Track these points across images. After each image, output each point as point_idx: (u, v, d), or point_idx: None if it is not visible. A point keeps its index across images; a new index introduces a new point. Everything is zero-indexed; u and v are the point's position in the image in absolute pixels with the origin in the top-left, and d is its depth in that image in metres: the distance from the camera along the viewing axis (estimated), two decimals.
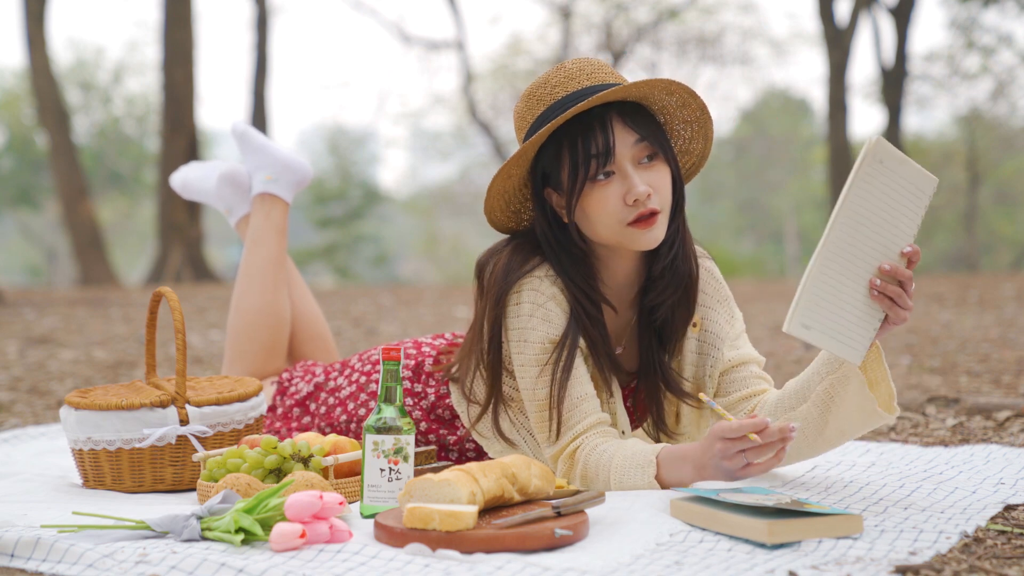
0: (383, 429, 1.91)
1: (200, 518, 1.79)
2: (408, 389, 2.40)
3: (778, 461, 1.88)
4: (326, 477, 2.05)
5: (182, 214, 12.81)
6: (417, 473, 2.07)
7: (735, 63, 21.01)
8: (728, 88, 25.81)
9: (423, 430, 2.39)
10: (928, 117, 25.80)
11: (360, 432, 2.43)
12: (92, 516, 1.86)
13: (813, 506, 1.74)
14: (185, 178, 3.09)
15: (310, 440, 2.15)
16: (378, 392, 2.43)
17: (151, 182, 23.61)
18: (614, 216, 2.06)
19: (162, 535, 1.80)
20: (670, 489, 1.98)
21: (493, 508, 1.82)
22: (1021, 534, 1.78)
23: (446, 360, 2.40)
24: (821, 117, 24.88)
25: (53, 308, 8.23)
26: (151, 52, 27.85)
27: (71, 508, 2.03)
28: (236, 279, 2.86)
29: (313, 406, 2.56)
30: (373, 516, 1.90)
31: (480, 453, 2.36)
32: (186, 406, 2.31)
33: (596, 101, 2.04)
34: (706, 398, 1.98)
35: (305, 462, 2.05)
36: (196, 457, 2.18)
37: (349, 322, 7.21)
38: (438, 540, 1.66)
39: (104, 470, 2.28)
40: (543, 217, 2.15)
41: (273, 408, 2.62)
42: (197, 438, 2.31)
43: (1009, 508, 1.94)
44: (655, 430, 2.27)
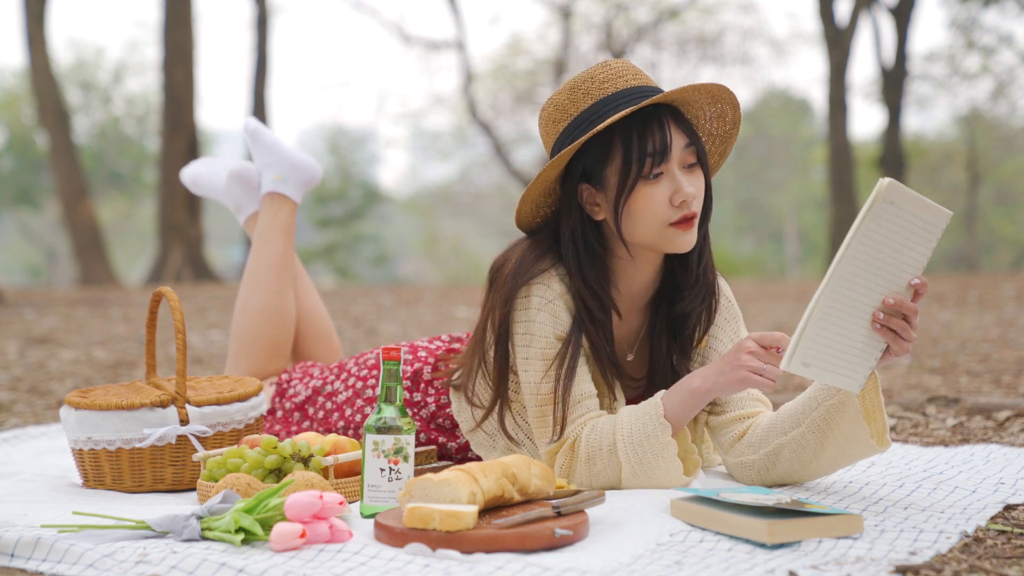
0: (383, 429, 1.91)
1: (200, 518, 1.79)
2: (407, 399, 2.39)
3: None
4: (326, 477, 2.05)
5: (182, 214, 12.82)
6: (417, 473, 2.07)
7: (735, 63, 21.01)
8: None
9: (423, 440, 2.39)
10: (928, 117, 25.81)
11: (359, 436, 2.43)
12: (92, 516, 1.86)
13: (813, 506, 1.74)
14: (195, 174, 3.09)
15: (310, 440, 2.15)
16: (376, 395, 2.44)
17: (151, 182, 23.63)
18: (659, 216, 2.06)
19: (162, 535, 1.80)
20: (678, 437, 2.07)
21: (493, 508, 1.82)
22: (1021, 534, 1.78)
23: (446, 366, 2.40)
24: (821, 117, 24.89)
25: (53, 308, 8.24)
26: (151, 52, 27.88)
27: (71, 508, 2.03)
28: (242, 278, 2.86)
29: (311, 410, 2.56)
30: (373, 516, 1.90)
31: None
32: (186, 406, 2.31)
33: (671, 95, 2.05)
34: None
35: (305, 462, 2.05)
36: (196, 457, 2.18)
37: (349, 322, 7.21)
38: (438, 540, 1.66)
39: (104, 470, 2.28)
40: (573, 213, 2.14)
41: (272, 411, 2.62)
42: (197, 438, 2.30)
43: (1009, 508, 1.94)
44: None
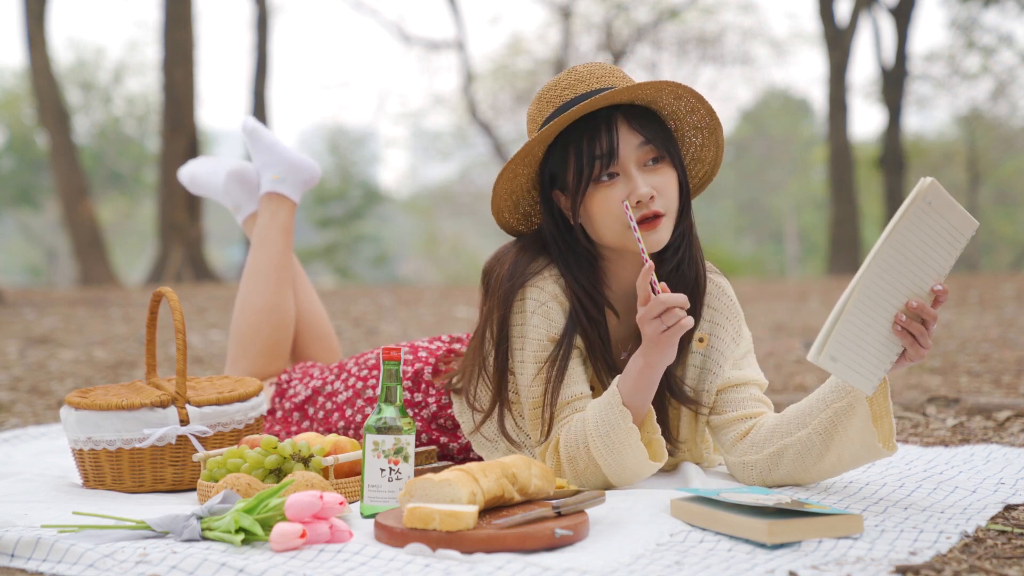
0: (383, 429, 1.91)
1: (200, 518, 1.79)
2: (408, 400, 2.39)
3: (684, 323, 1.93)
4: (326, 477, 2.05)
5: (182, 214, 12.82)
6: (417, 473, 2.07)
7: (735, 63, 21.02)
8: (728, 88, 25.85)
9: (425, 441, 2.39)
10: (928, 117, 25.82)
11: (359, 436, 2.43)
12: (92, 516, 1.86)
13: (813, 506, 1.74)
14: (193, 173, 3.07)
15: (310, 440, 2.15)
16: (376, 395, 2.44)
17: (151, 182, 23.63)
18: (617, 217, 2.06)
19: (162, 535, 1.80)
20: (643, 428, 2.05)
21: (493, 508, 1.82)
22: (1021, 534, 1.78)
23: (446, 369, 2.40)
24: (821, 117, 24.89)
25: (53, 308, 8.24)
26: (151, 52, 27.88)
27: (71, 508, 2.03)
28: (241, 278, 2.86)
29: (311, 410, 2.56)
30: (373, 516, 1.90)
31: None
32: (186, 406, 2.31)
33: (600, 102, 2.04)
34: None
35: (305, 462, 2.05)
36: (196, 457, 2.18)
37: (349, 322, 7.21)
38: (438, 540, 1.66)
39: (104, 470, 2.28)
40: (551, 219, 2.16)
41: (272, 411, 2.62)
42: (197, 438, 2.30)
43: (1009, 508, 1.94)
44: None
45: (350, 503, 2.05)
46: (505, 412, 2.21)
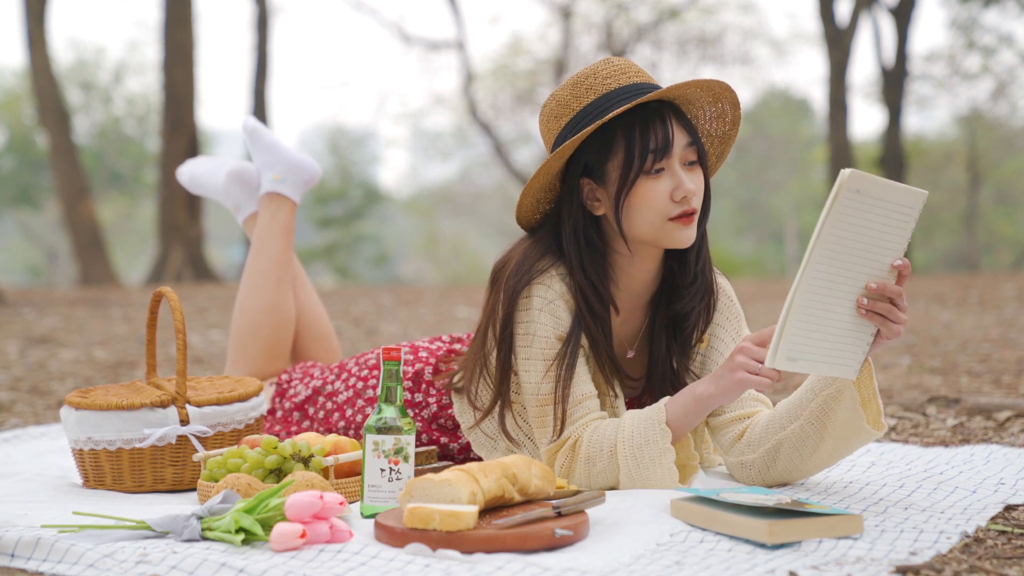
0: (383, 429, 1.91)
1: (200, 518, 1.79)
2: (408, 400, 2.39)
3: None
4: (326, 477, 2.05)
5: (182, 214, 12.82)
6: (417, 473, 2.07)
7: (735, 63, 21.01)
8: None
9: (425, 441, 2.38)
10: (928, 117, 25.82)
11: (359, 436, 2.43)
12: (92, 516, 1.86)
13: (813, 506, 1.74)
14: (193, 172, 3.07)
15: (310, 440, 2.15)
16: (376, 395, 2.44)
17: (151, 182, 23.63)
18: (659, 211, 2.07)
19: (162, 535, 1.80)
20: (677, 444, 2.07)
21: (493, 508, 1.82)
22: (1021, 534, 1.78)
23: (446, 369, 2.40)
24: (821, 117, 24.89)
25: (53, 308, 8.24)
26: (151, 52, 27.88)
27: (71, 508, 2.03)
28: (241, 278, 2.85)
29: (311, 410, 2.56)
30: (373, 516, 1.90)
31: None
32: (186, 406, 2.31)
33: (673, 91, 2.06)
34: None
35: (305, 462, 2.05)
36: (196, 457, 2.18)
37: (349, 322, 7.22)
38: (438, 540, 1.66)
39: (104, 470, 2.28)
40: (573, 208, 2.14)
41: (272, 411, 2.62)
42: (197, 438, 2.30)
43: (1009, 508, 1.94)
44: None
45: (350, 503, 2.05)
46: (506, 410, 2.21)
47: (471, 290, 10.99)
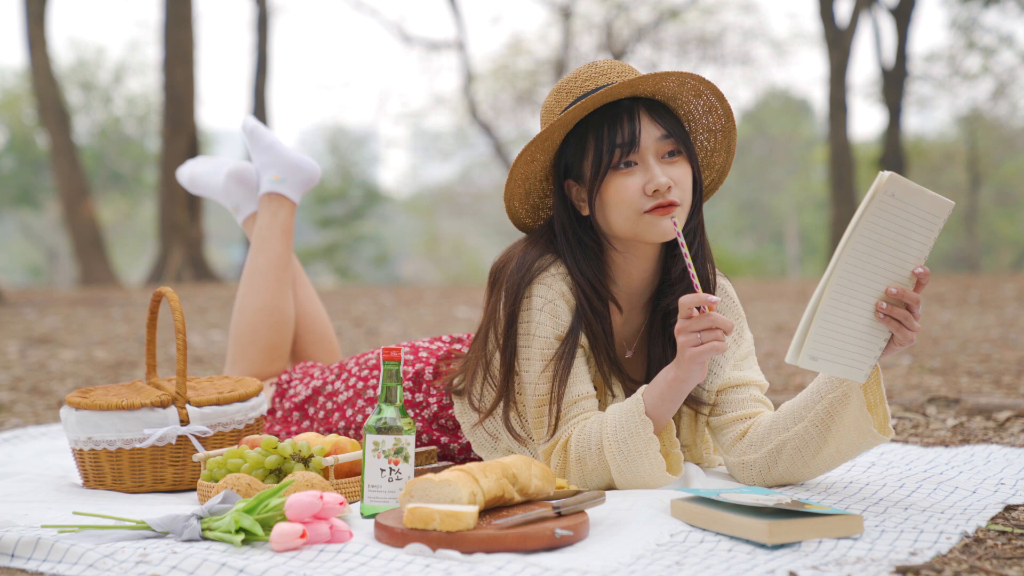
0: (384, 429, 1.91)
1: (200, 518, 1.79)
2: (409, 400, 2.39)
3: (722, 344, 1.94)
4: (326, 477, 2.06)
5: (183, 214, 12.82)
6: (417, 473, 2.07)
7: (736, 63, 21.01)
8: (729, 88, 25.77)
9: (425, 441, 2.38)
10: (929, 117, 25.82)
11: (359, 436, 2.43)
12: (93, 516, 1.86)
13: (813, 506, 1.74)
14: (193, 172, 3.07)
15: (310, 440, 2.15)
16: (376, 395, 2.44)
17: (152, 182, 23.63)
18: (632, 205, 2.07)
19: (162, 535, 1.80)
20: (660, 434, 2.06)
21: (493, 508, 1.82)
22: (1021, 534, 1.78)
23: (447, 369, 2.40)
24: (821, 117, 24.88)
25: (54, 308, 8.24)
26: (152, 52, 27.86)
27: (72, 508, 2.03)
28: (241, 278, 2.85)
29: (312, 410, 2.56)
30: (373, 516, 1.90)
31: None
32: (186, 406, 2.31)
33: (623, 88, 2.05)
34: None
35: (305, 462, 2.05)
36: (196, 457, 2.18)
37: (350, 322, 7.21)
38: (438, 540, 1.66)
39: (104, 470, 2.28)
40: (562, 209, 2.16)
41: (272, 411, 2.62)
42: (197, 438, 2.30)
43: (1009, 508, 1.94)
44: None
45: (350, 503, 2.05)
46: (510, 408, 2.21)
47: (471, 290, 10.99)
